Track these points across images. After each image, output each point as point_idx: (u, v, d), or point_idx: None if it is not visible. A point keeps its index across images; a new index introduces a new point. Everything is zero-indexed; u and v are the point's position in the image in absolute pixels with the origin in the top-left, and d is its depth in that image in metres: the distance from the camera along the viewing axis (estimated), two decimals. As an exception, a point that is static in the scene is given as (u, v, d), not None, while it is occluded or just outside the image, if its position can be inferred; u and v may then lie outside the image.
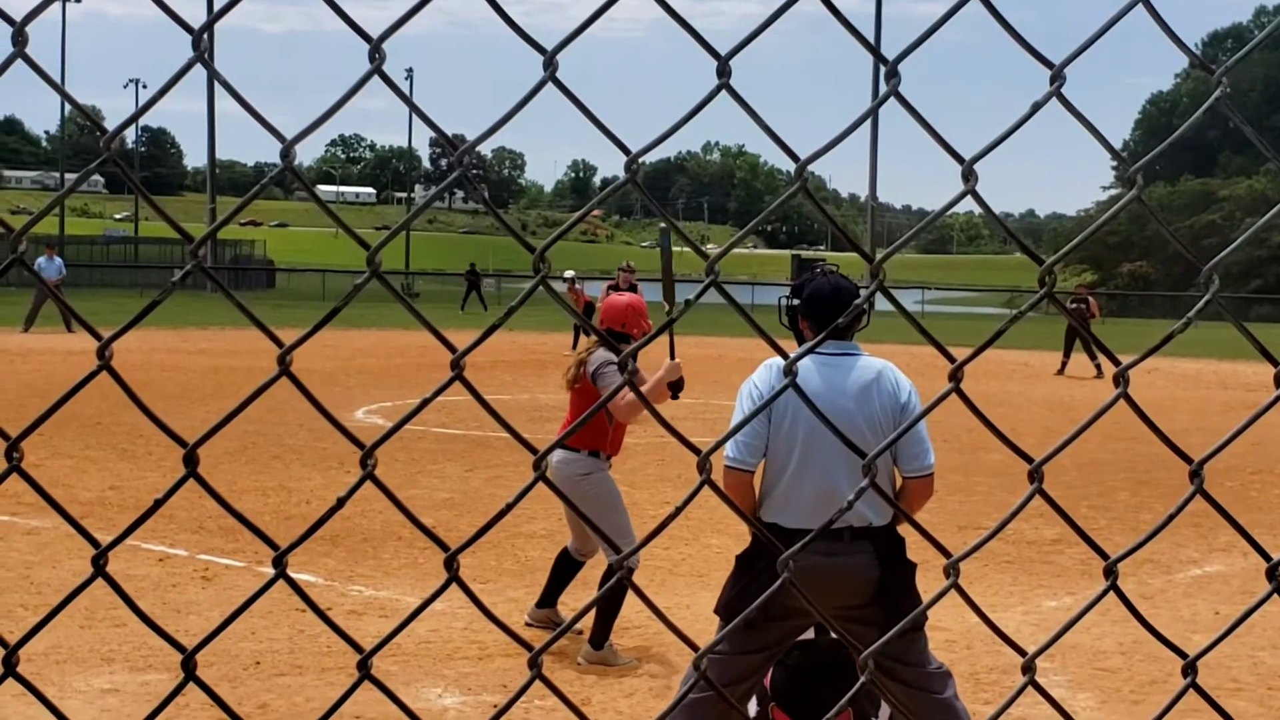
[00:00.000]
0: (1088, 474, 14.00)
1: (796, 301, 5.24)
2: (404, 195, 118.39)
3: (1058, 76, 1.47)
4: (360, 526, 10.53)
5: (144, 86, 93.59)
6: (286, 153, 1.31)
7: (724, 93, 1.39)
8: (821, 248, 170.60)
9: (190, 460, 1.33)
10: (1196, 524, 11.09)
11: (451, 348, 1.38)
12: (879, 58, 1.47)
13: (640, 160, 1.40)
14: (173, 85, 1.29)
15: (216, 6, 1.35)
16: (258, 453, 13.90)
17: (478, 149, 1.44)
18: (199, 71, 1.32)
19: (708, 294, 1.49)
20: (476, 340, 1.42)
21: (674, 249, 7.62)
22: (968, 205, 1.63)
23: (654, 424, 13.11)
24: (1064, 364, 27.69)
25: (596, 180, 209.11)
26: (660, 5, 1.37)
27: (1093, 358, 26.98)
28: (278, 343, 1.33)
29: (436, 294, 59.03)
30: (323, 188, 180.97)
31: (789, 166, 1.43)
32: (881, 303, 1.71)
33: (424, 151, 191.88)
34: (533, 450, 1.40)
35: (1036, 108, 1.45)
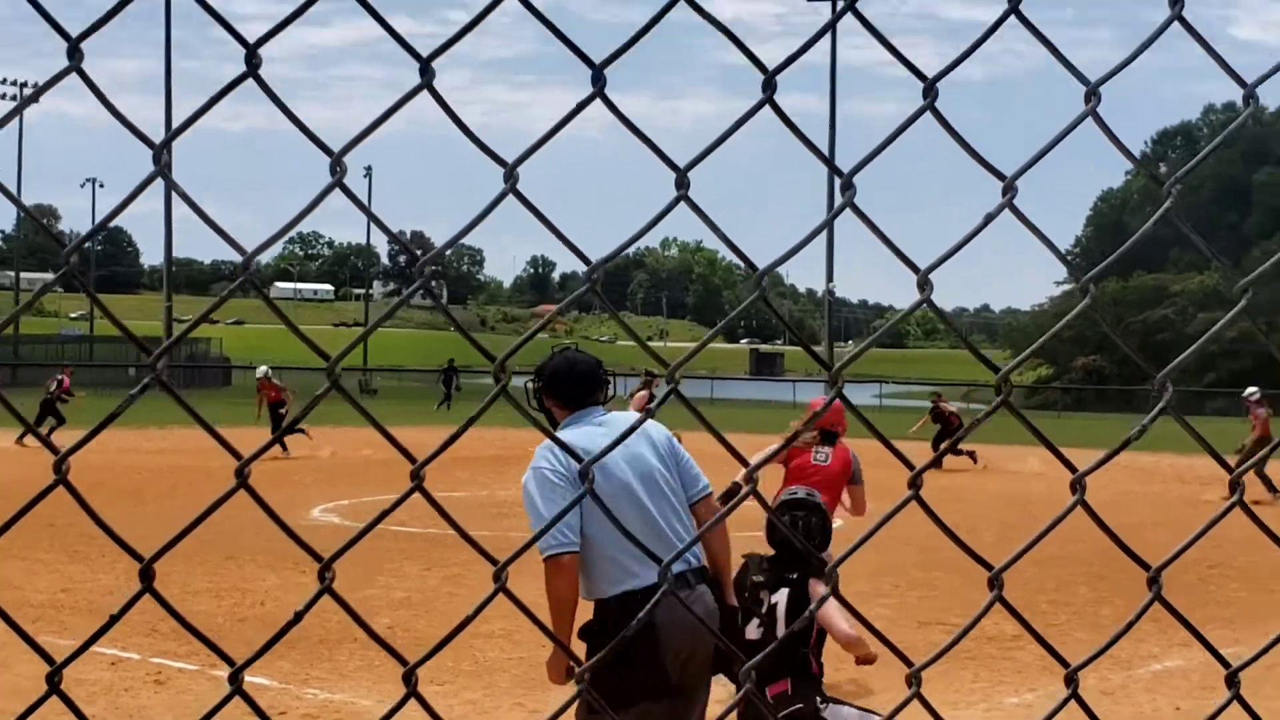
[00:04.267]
0: (1046, 569, 14.02)
1: (540, 383, 5.45)
2: (361, 292, 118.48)
3: (1009, 189, 1.49)
4: (316, 629, 10.39)
5: (101, 186, 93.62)
6: (247, 265, 1.32)
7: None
8: (779, 342, 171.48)
9: (146, 575, 1.32)
10: (1156, 620, 10.97)
11: (411, 458, 1.37)
12: (834, 169, 1.50)
13: (599, 270, 1.41)
14: (133, 199, 1.29)
15: (175, 110, 1.36)
16: (212, 553, 13.72)
17: (435, 246, 1.46)
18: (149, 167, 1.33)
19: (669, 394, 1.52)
20: (435, 452, 1.42)
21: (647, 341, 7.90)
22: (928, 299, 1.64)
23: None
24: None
25: (555, 275, 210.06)
26: (620, 120, 1.39)
27: (958, 453, 27.30)
28: (235, 455, 1.33)
29: (394, 390, 58.83)
30: (280, 285, 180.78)
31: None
32: (851, 396, 1.72)
33: (383, 249, 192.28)
34: (493, 561, 1.39)
35: (989, 218, 1.48)
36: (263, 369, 31.49)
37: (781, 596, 6.16)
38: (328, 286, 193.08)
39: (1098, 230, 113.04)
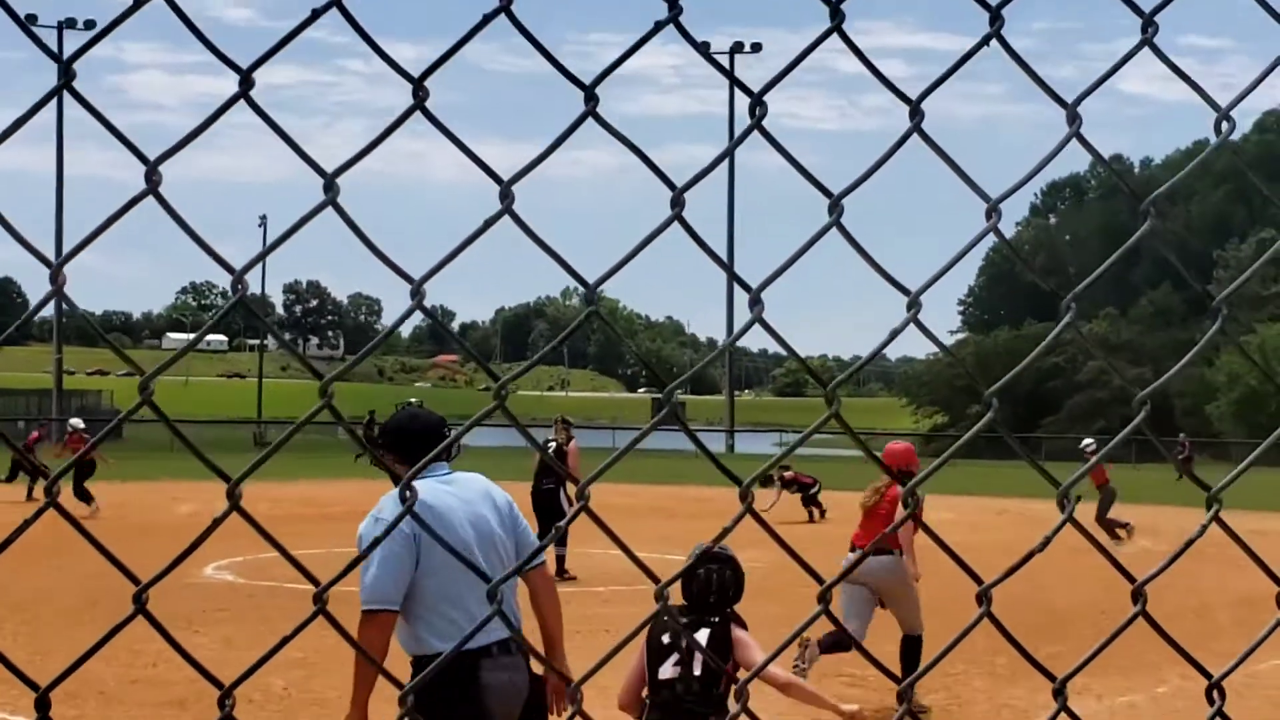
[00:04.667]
0: (944, 620, 14.14)
1: (381, 439, 5.57)
2: (256, 343, 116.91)
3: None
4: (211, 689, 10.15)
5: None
6: (238, 283, 1.29)
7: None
8: (682, 391, 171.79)
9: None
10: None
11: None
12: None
13: (595, 292, 1.40)
14: (121, 215, 1.26)
15: (67, 159, 1.34)
16: (102, 611, 13.38)
17: (332, 295, 1.45)
18: (45, 217, 1.31)
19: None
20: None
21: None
22: (823, 349, 1.65)
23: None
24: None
25: (455, 325, 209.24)
26: (615, 136, 1.39)
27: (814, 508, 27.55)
28: (224, 477, 1.30)
29: (290, 442, 57.94)
30: (173, 335, 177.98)
31: (647, 311, 1.48)
32: (750, 444, 1.73)
33: (278, 298, 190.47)
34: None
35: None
36: (76, 421, 31.25)
37: (702, 636, 6.17)
38: (221, 337, 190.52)
39: (990, 280, 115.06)
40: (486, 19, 1.47)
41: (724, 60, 61.92)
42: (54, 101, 1.36)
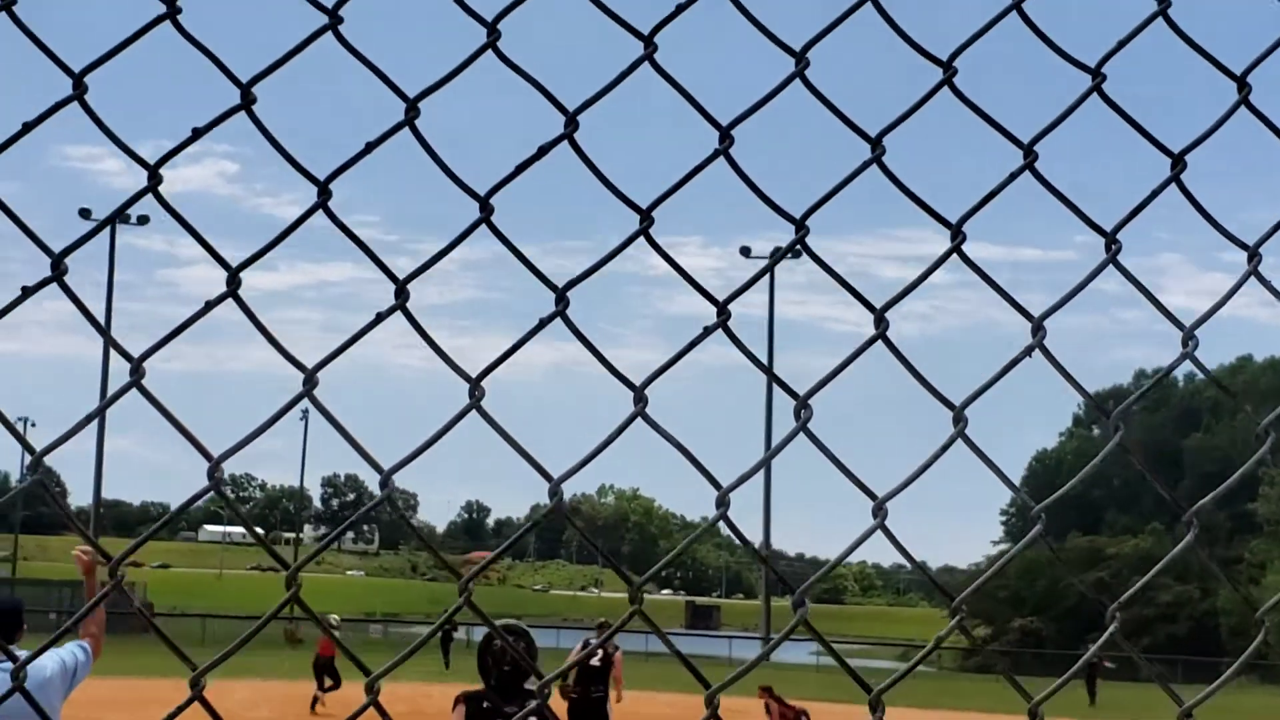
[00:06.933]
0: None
1: None
2: (292, 536, 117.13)
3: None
4: None
5: (33, 425, 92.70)
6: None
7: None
8: (716, 594, 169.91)
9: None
10: None
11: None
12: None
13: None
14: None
15: (113, 354, 1.37)
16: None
17: (370, 489, 1.47)
18: (88, 405, 1.33)
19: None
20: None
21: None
22: (860, 555, 1.62)
23: None
24: None
25: (490, 521, 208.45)
26: (666, 260, 1.39)
27: None
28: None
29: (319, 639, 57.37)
30: (209, 528, 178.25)
31: (682, 510, 1.45)
32: (787, 653, 1.68)
33: (315, 492, 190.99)
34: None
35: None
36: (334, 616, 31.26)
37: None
38: (258, 530, 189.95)
39: (1033, 490, 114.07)
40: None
41: (765, 264, 62.41)
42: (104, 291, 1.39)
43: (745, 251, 65.46)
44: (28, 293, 1.35)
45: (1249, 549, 77.29)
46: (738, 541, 1.63)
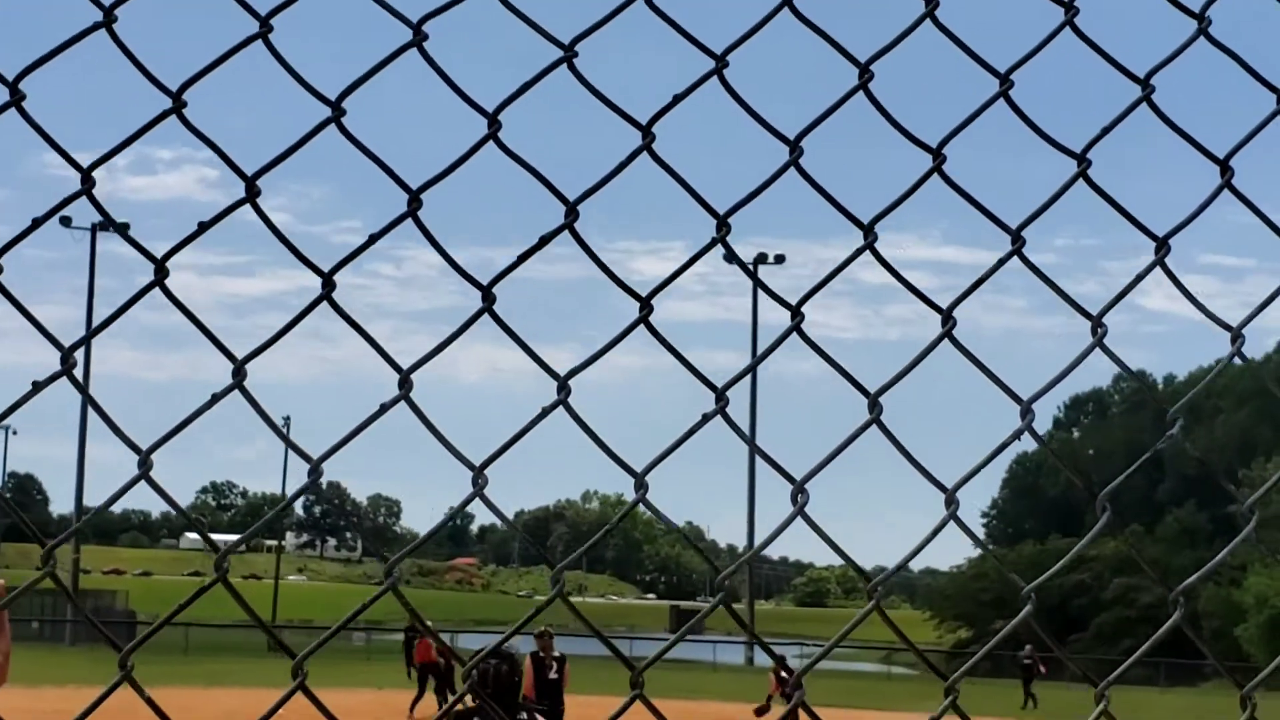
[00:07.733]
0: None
1: None
2: (274, 543, 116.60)
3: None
4: None
5: (14, 433, 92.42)
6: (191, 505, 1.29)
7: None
8: (701, 599, 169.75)
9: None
10: None
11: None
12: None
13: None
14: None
15: (93, 361, 1.37)
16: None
17: (351, 497, 1.46)
18: (70, 413, 1.33)
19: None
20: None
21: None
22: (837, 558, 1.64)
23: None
24: None
25: (473, 528, 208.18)
26: (660, 341, 1.40)
27: None
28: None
29: (303, 646, 57.21)
30: (190, 535, 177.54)
31: (667, 515, 1.47)
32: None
33: (297, 499, 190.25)
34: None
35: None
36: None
37: None
38: (238, 537, 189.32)
39: (1014, 493, 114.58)
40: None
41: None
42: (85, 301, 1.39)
43: (729, 258, 65.53)
44: (38, 387, 1.37)
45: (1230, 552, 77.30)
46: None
